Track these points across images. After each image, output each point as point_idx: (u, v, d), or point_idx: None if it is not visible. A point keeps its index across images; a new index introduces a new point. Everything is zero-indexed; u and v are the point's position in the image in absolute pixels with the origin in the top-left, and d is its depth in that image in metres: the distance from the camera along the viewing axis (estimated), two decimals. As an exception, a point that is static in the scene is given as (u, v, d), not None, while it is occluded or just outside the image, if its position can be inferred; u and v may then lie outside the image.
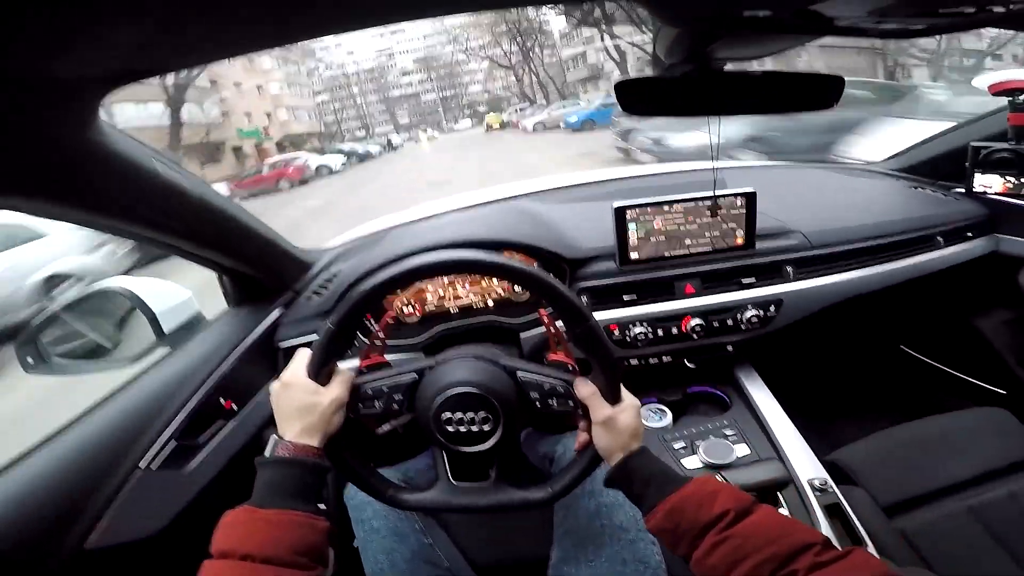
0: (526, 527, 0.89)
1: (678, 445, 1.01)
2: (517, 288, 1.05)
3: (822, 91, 0.66)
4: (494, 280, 1.07)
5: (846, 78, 0.66)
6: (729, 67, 0.66)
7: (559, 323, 0.68)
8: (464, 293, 1.07)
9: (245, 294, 0.98)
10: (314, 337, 0.99)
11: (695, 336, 1.05)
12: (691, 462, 0.97)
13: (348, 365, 0.68)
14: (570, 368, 0.68)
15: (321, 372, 0.62)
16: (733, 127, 5.03)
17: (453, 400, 0.63)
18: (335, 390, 0.63)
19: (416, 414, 0.66)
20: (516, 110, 30.88)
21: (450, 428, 0.63)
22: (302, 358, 0.64)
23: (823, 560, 0.47)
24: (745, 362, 1.16)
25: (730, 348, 1.10)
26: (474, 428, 0.63)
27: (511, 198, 1.23)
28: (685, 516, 0.55)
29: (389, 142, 31.81)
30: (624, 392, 0.66)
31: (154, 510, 0.77)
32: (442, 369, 0.66)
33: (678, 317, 1.05)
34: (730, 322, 1.06)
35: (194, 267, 0.87)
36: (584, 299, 1.02)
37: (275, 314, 0.97)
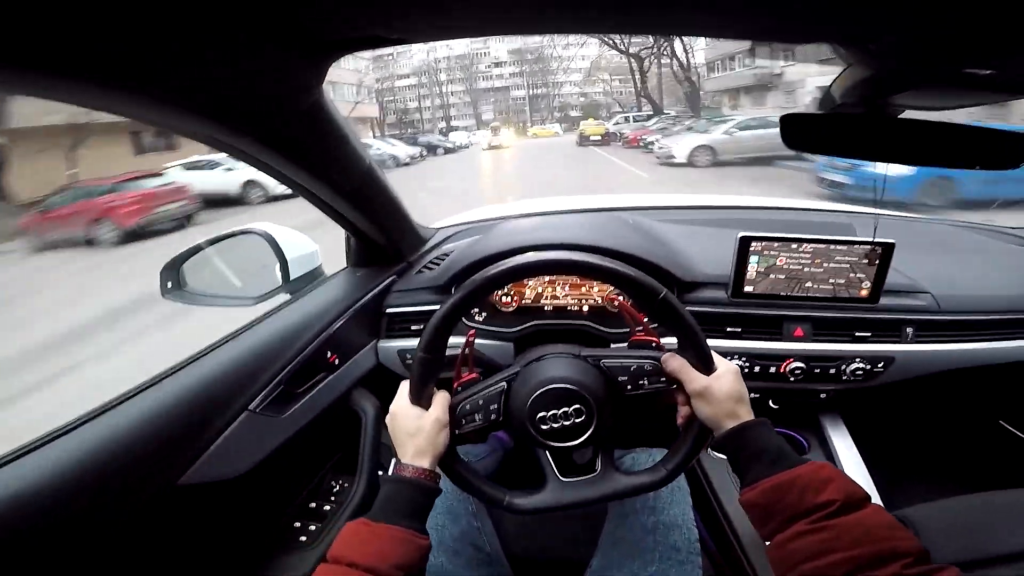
0: (571, 529, 0.90)
1: None
2: (617, 299, 1.05)
3: (1007, 148, 0.61)
4: (594, 288, 1.07)
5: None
6: (907, 115, 0.64)
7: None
8: (562, 294, 1.08)
9: (367, 257, 1.03)
10: (418, 309, 1.03)
11: (792, 379, 1.02)
12: None
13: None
14: (654, 345, 0.68)
15: (422, 397, 0.67)
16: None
17: (543, 399, 0.65)
18: (435, 412, 0.67)
19: (512, 421, 0.68)
20: (626, 118, 22.38)
21: (545, 427, 0.65)
22: (404, 388, 0.70)
23: (911, 573, 0.44)
24: (833, 410, 1.12)
25: (823, 396, 1.06)
26: (567, 423, 0.64)
27: (621, 208, 1.22)
28: (787, 498, 0.53)
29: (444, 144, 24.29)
30: (718, 359, 0.66)
31: (245, 452, 0.80)
32: (527, 371, 0.69)
33: (780, 358, 1.02)
34: (832, 371, 1.02)
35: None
36: None
37: (388, 280, 1.01)
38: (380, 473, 0.64)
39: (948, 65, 0.51)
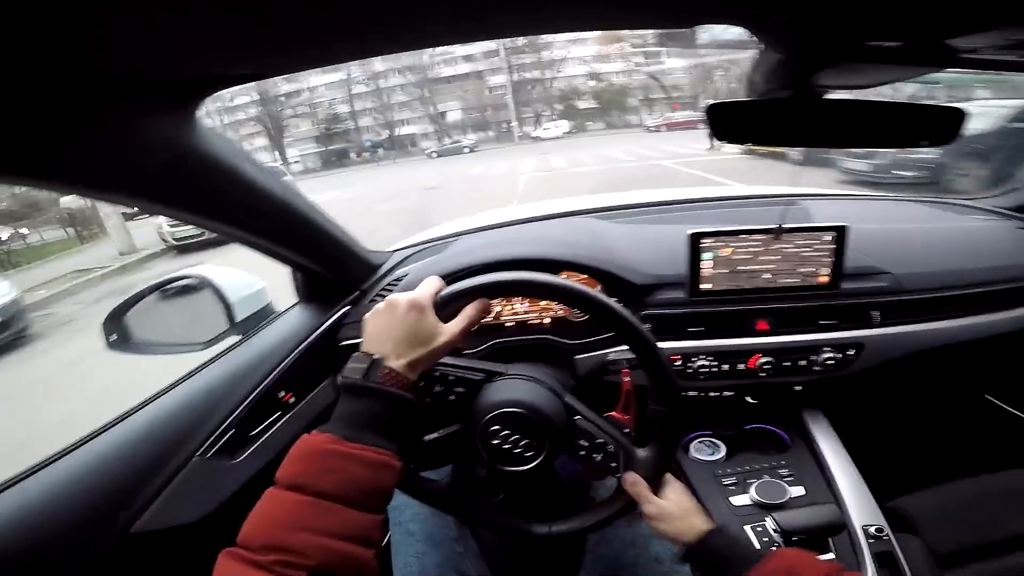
0: (558, 548, 0.87)
1: (728, 481, 0.97)
2: (571, 307, 1.03)
3: (938, 124, 0.59)
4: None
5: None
6: (832, 95, 0.61)
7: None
8: (522, 309, 1.05)
9: (314, 290, 1.00)
10: None
11: (762, 374, 0.99)
12: (740, 499, 0.93)
13: None
14: (626, 431, 0.67)
15: (448, 307, 0.59)
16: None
17: (509, 417, 0.63)
18: (454, 328, 0.58)
19: (467, 418, 0.66)
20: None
21: (495, 441, 0.63)
22: (433, 284, 0.61)
23: None
24: (812, 403, 1.09)
25: (798, 388, 1.04)
26: (517, 450, 0.63)
27: (579, 212, 1.20)
28: None
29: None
30: (671, 480, 0.69)
31: (199, 498, 0.78)
32: (509, 382, 0.67)
33: (746, 354, 0.99)
34: (803, 363, 1.00)
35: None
36: (648, 327, 0.99)
37: (340, 313, 0.99)
38: (341, 377, 0.56)
39: (849, 41, 0.49)
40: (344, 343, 1.00)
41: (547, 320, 1.05)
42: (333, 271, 0.97)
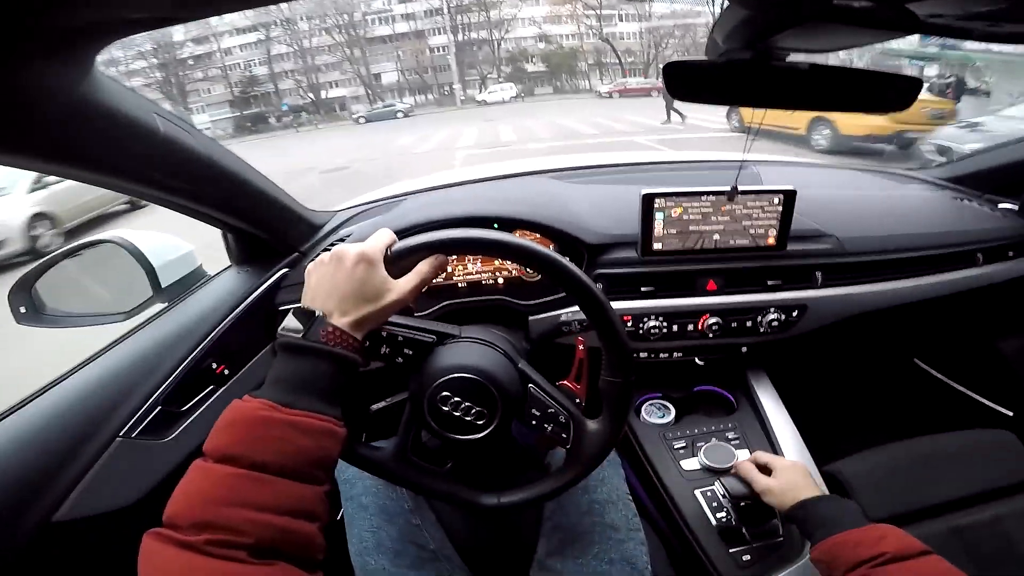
0: (517, 516, 0.87)
1: (678, 445, 1.00)
2: (529, 268, 1.01)
3: (895, 92, 0.60)
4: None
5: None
6: (792, 58, 0.60)
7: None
8: (475, 269, 1.02)
9: (248, 253, 0.94)
10: None
11: (711, 335, 1.01)
12: (690, 463, 0.96)
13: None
14: (577, 401, 0.66)
15: (402, 261, 0.54)
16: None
17: (462, 383, 0.60)
18: (406, 289, 0.54)
19: (416, 384, 0.62)
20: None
21: (444, 408, 0.60)
22: (385, 236, 0.56)
23: None
24: (756, 365, 1.13)
25: (744, 349, 1.06)
26: (467, 418, 0.60)
27: (531, 173, 1.17)
28: (844, 553, 0.61)
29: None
30: (778, 461, 0.82)
31: (129, 481, 0.73)
32: (463, 346, 0.63)
33: (696, 314, 1.01)
34: (749, 324, 1.02)
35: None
36: (600, 286, 0.98)
37: (278, 275, 0.93)
38: (278, 334, 0.51)
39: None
40: (283, 308, 0.94)
41: (500, 280, 1.03)
42: (269, 231, 0.90)
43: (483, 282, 1.02)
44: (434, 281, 1.00)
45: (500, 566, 0.82)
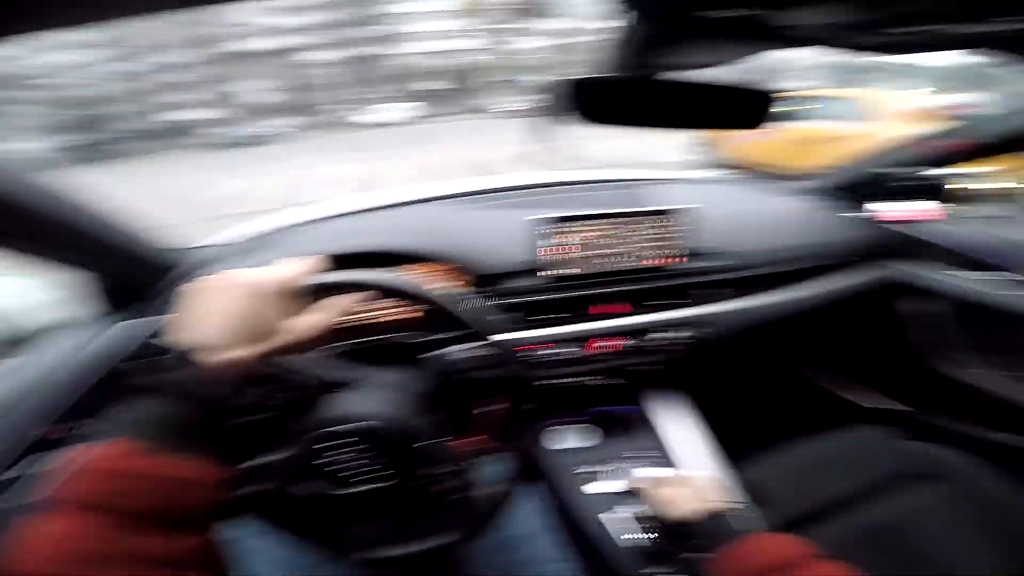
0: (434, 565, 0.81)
1: (586, 470, 0.97)
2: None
3: (746, 108, 0.59)
4: None
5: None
6: (667, 75, 0.56)
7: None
8: (368, 308, 0.96)
9: (101, 297, 0.81)
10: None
11: (612, 357, 1.01)
12: (598, 488, 0.94)
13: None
14: (477, 449, 0.64)
15: (306, 298, 0.50)
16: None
17: (349, 434, 0.54)
18: (304, 330, 0.49)
19: (303, 434, 0.54)
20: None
21: (341, 460, 0.54)
22: (288, 269, 0.50)
23: None
24: (656, 383, 1.14)
25: (646, 369, 1.08)
26: (363, 471, 0.55)
27: (419, 201, 1.12)
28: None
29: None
30: (678, 476, 0.78)
31: None
32: (359, 393, 0.59)
33: (595, 337, 1.00)
34: (646, 345, 1.04)
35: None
36: (502, 317, 0.96)
37: (120, 326, 0.81)
38: (143, 373, 0.43)
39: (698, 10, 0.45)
40: (147, 345, 0.82)
41: (395, 318, 0.97)
42: (104, 276, 0.78)
43: (379, 320, 0.96)
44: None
45: None
